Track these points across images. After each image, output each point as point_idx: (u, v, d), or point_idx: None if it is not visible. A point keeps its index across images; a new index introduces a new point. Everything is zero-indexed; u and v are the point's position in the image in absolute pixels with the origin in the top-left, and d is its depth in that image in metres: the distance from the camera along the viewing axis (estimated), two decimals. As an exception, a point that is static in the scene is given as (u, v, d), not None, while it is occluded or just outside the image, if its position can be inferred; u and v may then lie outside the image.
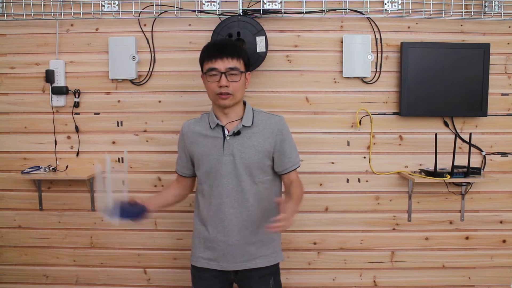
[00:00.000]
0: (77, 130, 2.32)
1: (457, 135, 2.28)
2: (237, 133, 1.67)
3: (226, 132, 1.68)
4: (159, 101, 2.30)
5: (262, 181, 1.70)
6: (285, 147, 1.72)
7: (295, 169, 1.76)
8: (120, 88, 2.30)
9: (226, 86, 1.60)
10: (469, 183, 2.29)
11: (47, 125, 2.32)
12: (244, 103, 1.74)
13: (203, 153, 1.69)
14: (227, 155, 1.66)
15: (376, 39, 2.26)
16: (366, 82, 2.28)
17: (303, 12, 2.22)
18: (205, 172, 1.70)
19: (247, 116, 1.70)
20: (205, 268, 1.74)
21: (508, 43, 2.27)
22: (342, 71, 2.25)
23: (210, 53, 1.63)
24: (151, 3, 2.22)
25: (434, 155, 2.18)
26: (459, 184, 2.31)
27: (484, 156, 2.32)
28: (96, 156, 2.33)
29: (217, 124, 1.69)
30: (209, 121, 1.71)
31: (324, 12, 2.22)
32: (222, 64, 1.61)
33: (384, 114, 2.30)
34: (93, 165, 2.32)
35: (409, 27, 2.26)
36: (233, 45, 1.70)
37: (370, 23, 2.26)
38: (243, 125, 1.68)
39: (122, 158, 2.33)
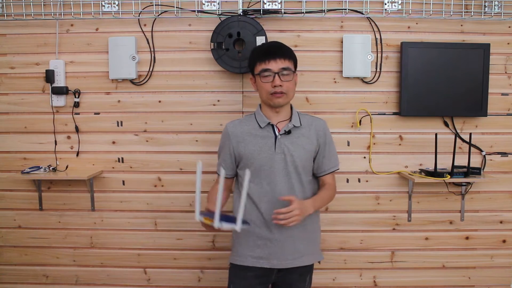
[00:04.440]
0: (77, 130, 2.32)
1: (457, 135, 2.28)
2: (288, 132, 1.71)
3: (277, 131, 1.72)
4: (159, 101, 2.30)
5: (306, 181, 1.75)
6: (327, 150, 1.79)
7: (332, 172, 1.81)
8: (120, 88, 2.30)
9: (280, 85, 1.66)
10: (469, 183, 2.29)
11: (47, 125, 2.32)
12: (291, 105, 1.78)
13: (253, 151, 1.70)
14: (279, 153, 1.69)
15: (376, 39, 2.26)
16: (366, 82, 2.28)
17: (303, 12, 2.22)
18: (255, 171, 1.69)
19: (295, 116, 1.76)
20: (250, 266, 1.74)
21: (508, 43, 2.27)
22: (342, 71, 2.25)
23: (262, 55, 1.68)
24: (151, 3, 2.22)
25: (434, 155, 2.18)
26: (459, 184, 2.31)
27: (484, 156, 2.32)
28: (96, 156, 2.33)
29: (268, 123, 1.72)
30: (258, 121, 1.74)
31: (324, 12, 2.22)
32: (275, 65, 1.66)
33: (384, 114, 2.30)
34: (93, 165, 2.33)
35: (409, 27, 2.26)
36: (284, 46, 1.75)
37: (370, 23, 2.26)
38: (293, 125, 1.73)
39: (123, 158, 2.33)
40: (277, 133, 1.72)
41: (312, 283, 2.36)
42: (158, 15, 2.24)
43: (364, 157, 2.32)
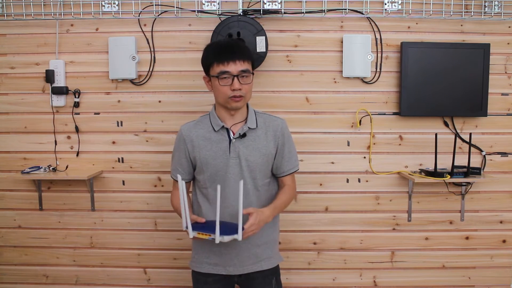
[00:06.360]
0: (77, 130, 2.32)
1: (457, 135, 2.28)
2: (243, 135, 1.65)
3: (231, 135, 1.65)
4: (159, 101, 2.30)
5: (263, 184, 1.69)
6: (286, 151, 1.71)
7: (292, 173, 1.75)
8: (120, 88, 2.30)
9: (240, 89, 1.58)
10: (469, 183, 2.29)
11: (47, 125, 2.32)
12: (247, 105, 1.72)
13: (208, 156, 1.65)
14: (234, 157, 1.63)
15: (376, 39, 2.26)
16: (366, 82, 2.28)
17: (303, 12, 2.22)
18: (210, 176, 1.65)
19: (251, 117, 1.68)
20: (209, 273, 1.71)
21: (508, 43, 2.27)
22: (342, 71, 2.25)
23: (221, 55, 1.58)
24: (151, 3, 2.22)
25: (434, 155, 2.18)
26: (459, 184, 2.31)
27: (484, 156, 2.32)
28: (96, 156, 2.33)
29: (222, 127, 1.66)
30: (212, 124, 1.67)
31: (324, 12, 2.22)
32: (234, 67, 1.57)
33: (384, 114, 2.30)
34: (93, 165, 2.33)
35: (409, 27, 2.26)
36: (243, 46, 1.65)
37: (370, 23, 2.26)
38: (248, 127, 1.65)
39: (123, 158, 2.33)
40: (231, 137, 1.65)
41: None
42: (158, 15, 2.24)
43: (364, 157, 2.32)
